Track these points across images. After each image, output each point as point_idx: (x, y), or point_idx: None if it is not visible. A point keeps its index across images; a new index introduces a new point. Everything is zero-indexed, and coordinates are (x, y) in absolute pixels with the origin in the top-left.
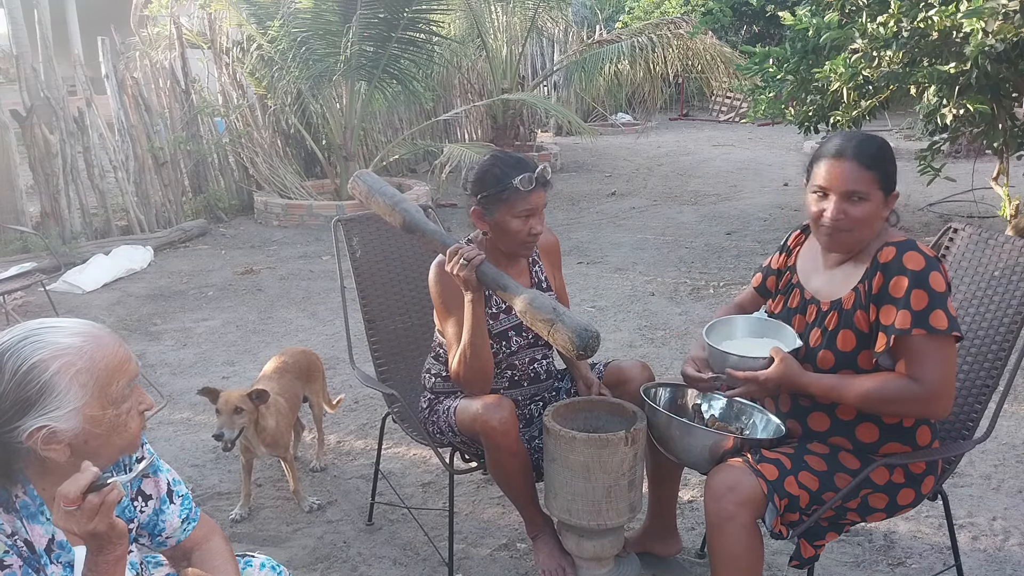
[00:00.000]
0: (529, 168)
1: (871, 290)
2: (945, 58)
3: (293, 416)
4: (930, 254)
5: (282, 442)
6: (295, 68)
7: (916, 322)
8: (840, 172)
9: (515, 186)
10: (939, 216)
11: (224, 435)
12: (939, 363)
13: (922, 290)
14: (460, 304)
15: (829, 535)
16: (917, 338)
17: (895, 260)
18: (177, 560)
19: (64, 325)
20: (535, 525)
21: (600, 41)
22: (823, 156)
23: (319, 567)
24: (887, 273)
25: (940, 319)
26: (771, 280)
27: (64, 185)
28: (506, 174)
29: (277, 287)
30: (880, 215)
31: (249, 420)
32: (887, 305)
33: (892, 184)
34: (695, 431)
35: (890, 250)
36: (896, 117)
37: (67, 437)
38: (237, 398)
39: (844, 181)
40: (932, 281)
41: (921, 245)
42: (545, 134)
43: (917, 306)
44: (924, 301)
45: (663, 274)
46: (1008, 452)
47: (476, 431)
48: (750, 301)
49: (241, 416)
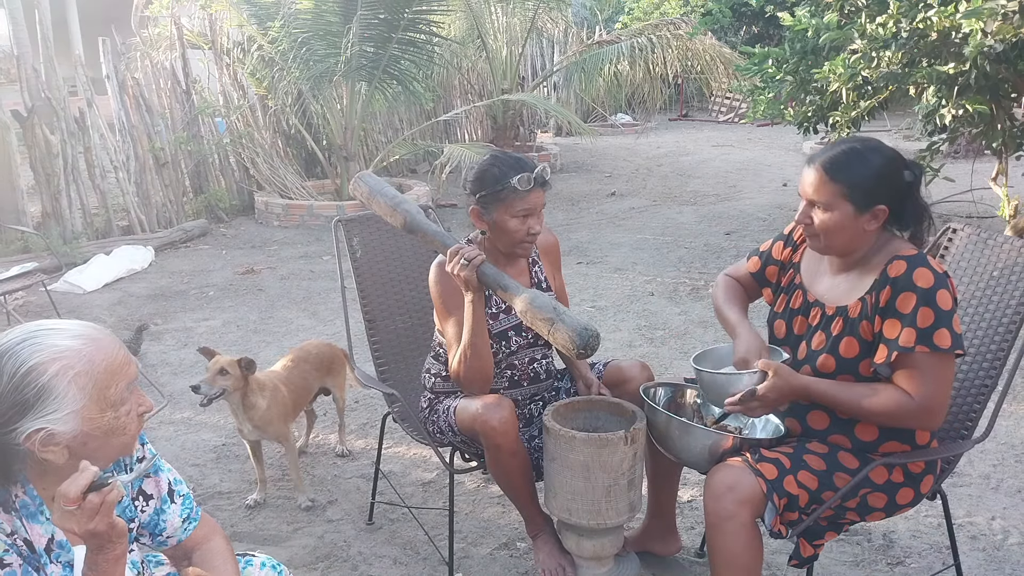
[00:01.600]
0: (528, 168)
1: (878, 303)
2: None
3: (296, 407)
4: (939, 270)
5: (272, 428)
6: (296, 69)
7: (920, 340)
8: (806, 179)
9: (513, 185)
10: (938, 216)
11: (201, 388)
12: (937, 380)
13: (929, 308)
14: (460, 304)
15: (828, 534)
16: (919, 355)
17: (904, 275)
18: (178, 559)
19: (63, 327)
20: (535, 524)
21: (600, 42)
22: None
23: (319, 566)
24: (896, 288)
25: (944, 338)
26: (771, 270)
27: (65, 185)
28: (504, 174)
29: (278, 287)
30: (858, 227)
31: (233, 387)
32: (892, 319)
33: (869, 199)
34: (694, 431)
35: (901, 264)
36: (895, 117)
37: (65, 439)
38: (226, 361)
39: (806, 188)
40: (939, 299)
41: (931, 260)
42: (545, 134)
43: (923, 324)
44: (930, 319)
45: (663, 274)
46: (1007, 452)
47: (476, 431)
48: (747, 283)
49: (225, 378)
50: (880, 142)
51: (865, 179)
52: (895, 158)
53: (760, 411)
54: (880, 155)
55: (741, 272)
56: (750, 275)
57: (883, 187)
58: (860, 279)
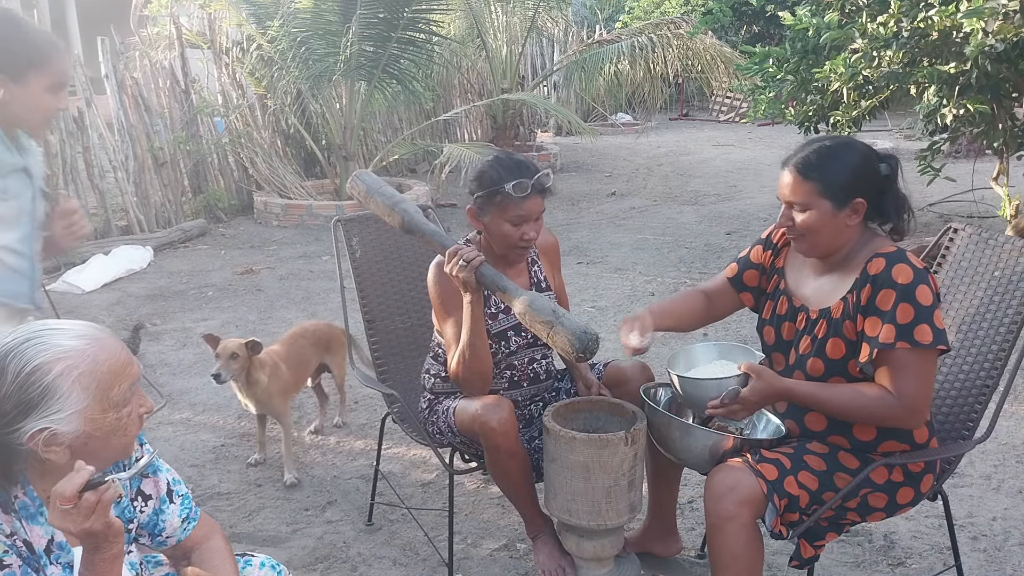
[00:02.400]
0: (528, 174)
1: (859, 301)
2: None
3: (296, 383)
4: (919, 265)
5: (271, 404)
6: (295, 68)
7: (900, 336)
8: (782, 182)
9: (507, 191)
10: (939, 216)
11: (222, 376)
12: (918, 377)
13: (908, 304)
14: (459, 304)
15: (829, 535)
16: (901, 352)
17: (884, 272)
18: (177, 560)
19: (67, 327)
20: (535, 525)
21: (600, 41)
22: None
23: (319, 567)
24: (875, 285)
25: (925, 333)
26: (750, 274)
27: (64, 185)
28: (501, 177)
29: (277, 287)
30: (839, 223)
31: (242, 367)
32: (873, 317)
33: (845, 193)
34: (695, 431)
35: (880, 261)
36: (896, 117)
37: (68, 439)
38: (235, 345)
39: (783, 191)
40: (919, 295)
41: (911, 256)
42: (545, 134)
43: (903, 320)
44: (910, 315)
45: (663, 274)
46: (1008, 452)
47: (475, 432)
48: (719, 292)
49: (236, 361)
50: (851, 138)
51: (838, 174)
52: (867, 152)
53: (742, 414)
54: (851, 150)
55: (716, 282)
56: (727, 280)
57: (858, 180)
58: (841, 279)
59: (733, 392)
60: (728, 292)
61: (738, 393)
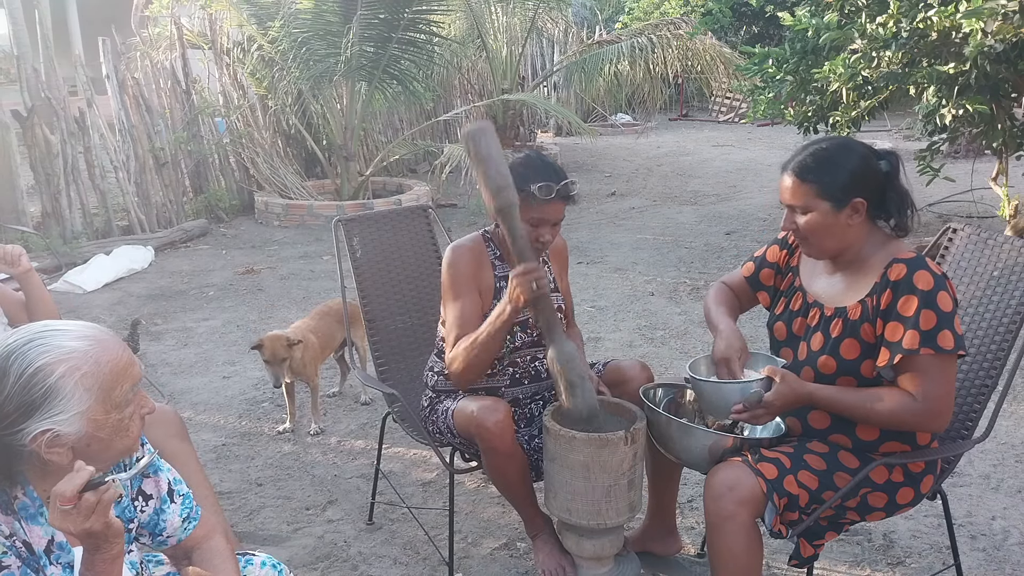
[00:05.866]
0: (555, 178)
1: (879, 305)
2: (944, 58)
3: (324, 353)
4: (938, 272)
5: (306, 372)
6: (296, 68)
7: (924, 342)
8: (782, 186)
9: (532, 191)
10: (938, 216)
11: (278, 378)
12: (941, 381)
13: (931, 310)
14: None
15: (828, 534)
16: (924, 357)
17: (905, 279)
18: (178, 559)
19: (69, 328)
20: (535, 525)
21: (600, 42)
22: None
23: (319, 566)
24: (897, 291)
25: (947, 339)
26: (766, 273)
27: (65, 185)
28: (528, 176)
29: (278, 287)
30: (840, 224)
31: (289, 363)
32: (894, 322)
33: (844, 193)
34: (695, 431)
35: (901, 267)
36: (896, 117)
37: (70, 440)
38: (282, 350)
39: (784, 195)
40: (940, 301)
41: (930, 263)
42: (545, 134)
43: (926, 326)
44: (933, 321)
45: (663, 274)
46: (1007, 452)
47: (472, 433)
48: (739, 288)
49: (285, 363)
50: (849, 139)
51: (836, 175)
52: (864, 152)
53: (766, 418)
54: (848, 151)
55: (735, 279)
56: (744, 279)
57: (856, 180)
58: (858, 280)
59: (757, 396)
60: (747, 291)
61: (762, 397)
